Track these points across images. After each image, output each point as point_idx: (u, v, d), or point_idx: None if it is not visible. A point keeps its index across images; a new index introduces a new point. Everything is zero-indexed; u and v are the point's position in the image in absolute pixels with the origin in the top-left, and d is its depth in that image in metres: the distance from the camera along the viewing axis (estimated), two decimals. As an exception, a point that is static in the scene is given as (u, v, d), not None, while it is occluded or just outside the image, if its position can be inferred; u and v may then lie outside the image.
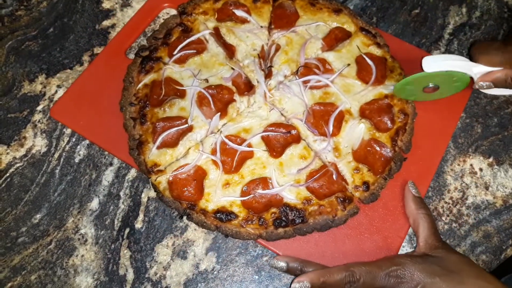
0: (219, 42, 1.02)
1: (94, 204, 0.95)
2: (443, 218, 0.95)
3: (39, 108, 1.03)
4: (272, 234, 0.86)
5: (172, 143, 0.92)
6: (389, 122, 0.94)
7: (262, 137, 0.92)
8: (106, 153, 0.99)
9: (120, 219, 0.93)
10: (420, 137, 0.96)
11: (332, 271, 0.77)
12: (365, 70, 0.98)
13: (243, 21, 1.05)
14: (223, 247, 0.91)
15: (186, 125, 0.92)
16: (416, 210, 0.86)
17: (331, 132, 0.93)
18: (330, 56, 1.01)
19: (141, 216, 0.93)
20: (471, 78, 0.90)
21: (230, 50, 1.02)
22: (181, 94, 0.96)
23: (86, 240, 0.92)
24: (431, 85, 0.90)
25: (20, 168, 0.98)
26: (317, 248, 0.88)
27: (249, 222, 0.86)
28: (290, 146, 0.92)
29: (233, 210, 0.87)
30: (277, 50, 1.01)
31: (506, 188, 0.98)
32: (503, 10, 1.18)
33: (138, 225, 0.93)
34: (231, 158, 0.90)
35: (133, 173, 0.97)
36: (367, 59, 0.97)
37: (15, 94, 1.04)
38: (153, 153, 0.91)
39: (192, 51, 1.00)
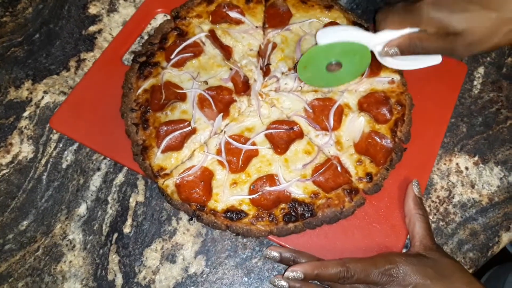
0: (215, 44, 1.02)
1: (82, 209, 0.94)
2: (430, 217, 0.96)
3: (26, 114, 1.02)
4: (282, 229, 0.87)
5: (176, 146, 0.92)
6: (387, 114, 0.96)
7: (266, 135, 0.93)
8: (94, 158, 0.98)
9: (108, 224, 0.93)
10: (418, 127, 0.97)
11: (327, 264, 0.78)
12: None
13: (238, 22, 1.06)
14: (212, 250, 0.91)
15: (189, 128, 0.93)
16: (414, 210, 0.87)
17: (332, 126, 0.94)
18: None
19: (129, 221, 0.93)
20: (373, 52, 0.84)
21: (227, 51, 1.03)
22: (182, 97, 0.96)
23: (74, 246, 0.91)
24: (333, 61, 0.86)
25: (7, 174, 0.97)
26: (327, 241, 0.89)
27: (259, 219, 0.86)
28: (294, 142, 0.93)
29: (242, 208, 0.87)
30: (273, 48, 1.03)
31: (491, 186, 0.99)
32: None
33: (127, 229, 0.92)
34: (237, 157, 0.91)
35: (120, 177, 0.97)
36: None
37: (0, 101, 1.03)
38: (158, 157, 0.91)
39: (189, 54, 1.00)
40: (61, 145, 1.00)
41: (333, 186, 0.89)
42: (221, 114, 0.94)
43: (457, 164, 1.01)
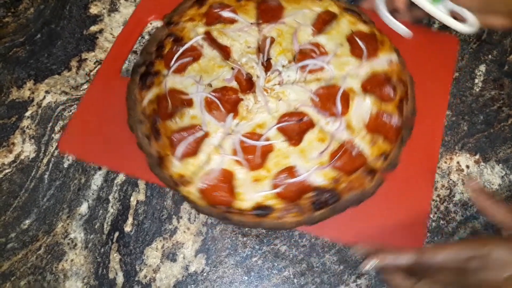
0: (213, 45, 1.02)
1: (83, 208, 0.95)
2: (431, 216, 0.96)
3: (28, 114, 1.03)
4: (310, 218, 0.88)
5: (192, 152, 0.91)
6: (391, 93, 0.97)
7: (278, 129, 0.94)
8: (95, 157, 0.99)
9: (109, 223, 0.93)
10: (421, 102, 1.00)
11: (404, 252, 0.75)
12: (358, 46, 1.00)
13: (232, 21, 1.05)
14: (213, 249, 0.92)
15: (202, 132, 0.92)
16: (483, 202, 0.79)
17: (340, 112, 0.95)
18: (322, 39, 1.02)
19: (130, 220, 0.94)
20: None
21: (225, 52, 1.02)
22: (189, 103, 0.95)
23: (75, 245, 0.92)
24: None
25: (9, 174, 0.98)
26: (353, 223, 0.91)
27: (287, 212, 0.87)
28: (307, 132, 0.93)
29: (269, 203, 0.87)
30: (272, 42, 1.03)
31: (492, 184, 0.99)
32: (488, 9, 1.19)
33: (128, 228, 0.93)
34: (253, 155, 0.91)
35: (121, 177, 0.97)
36: (356, 38, 1.00)
37: (3, 101, 1.04)
38: (176, 166, 0.90)
39: (188, 59, 0.99)
40: (62, 145, 1.00)
41: (351, 169, 0.91)
42: (231, 114, 0.94)
43: (458, 162, 1.01)
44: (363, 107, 0.95)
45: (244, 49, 1.03)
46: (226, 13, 1.05)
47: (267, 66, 1.01)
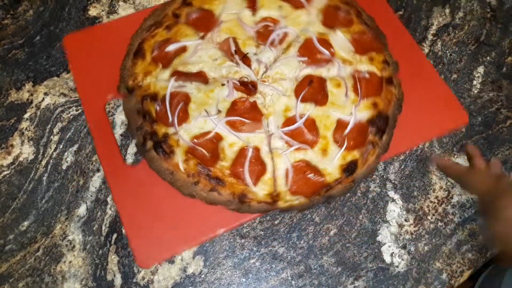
0: (188, 79, 0.99)
1: (82, 210, 0.95)
2: (429, 217, 0.96)
3: (26, 116, 1.03)
4: (384, 146, 0.97)
5: (260, 171, 0.92)
6: (347, 16, 1.07)
7: (302, 101, 0.97)
8: (94, 159, 0.99)
9: (107, 225, 0.93)
10: (368, 10, 1.12)
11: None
12: (294, 0, 1.08)
13: (182, 49, 1.02)
14: (210, 251, 0.92)
15: (251, 150, 0.93)
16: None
17: (329, 54, 1.02)
18: (264, 13, 1.07)
19: (128, 221, 0.94)
20: None
21: (202, 77, 0.99)
22: (218, 138, 0.93)
23: (74, 246, 0.92)
24: None
25: (8, 176, 0.98)
26: (409, 128, 1.01)
27: (367, 154, 0.94)
28: (324, 88, 0.99)
29: (349, 159, 0.93)
30: (234, 41, 1.03)
31: (491, 186, 0.99)
32: (486, 10, 1.19)
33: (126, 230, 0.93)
34: (303, 136, 0.95)
35: (120, 178, 0.97)
36: None
37: (2, 103, 1.04)
38: (258, 191, 0.91)
39: (180, 105, 0.95)
40: (61, 146, 1.00)
41: (376, 92, 0.99)
42: (263, 117, 0.97)
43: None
44: (339, 39, 1.03)
45: (214, 64, 1.01)
46: (171, 47, 1.01)
47: (247, 62, 1.02)
